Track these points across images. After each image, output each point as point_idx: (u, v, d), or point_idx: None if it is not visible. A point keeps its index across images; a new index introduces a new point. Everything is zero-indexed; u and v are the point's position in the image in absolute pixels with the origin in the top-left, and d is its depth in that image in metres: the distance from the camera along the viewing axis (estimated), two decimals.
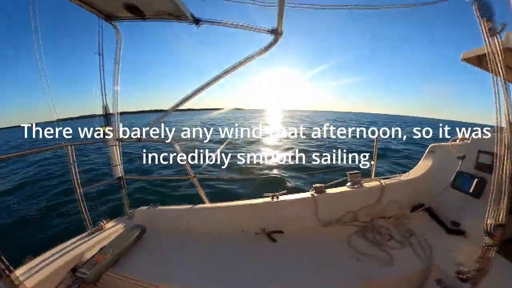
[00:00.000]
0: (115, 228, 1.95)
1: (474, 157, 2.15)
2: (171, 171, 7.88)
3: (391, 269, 1.60)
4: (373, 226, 1.99)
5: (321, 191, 2.13)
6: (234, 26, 1.76)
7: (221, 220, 2.02)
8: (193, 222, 2.03)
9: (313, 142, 15.22)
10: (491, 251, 1.22)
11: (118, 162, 2.22)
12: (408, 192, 2.39)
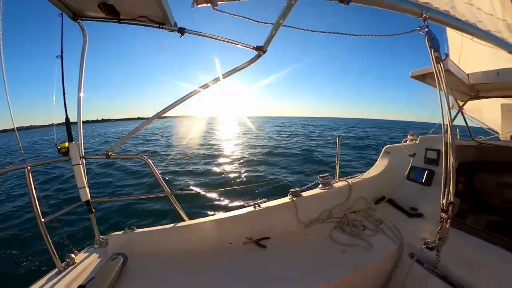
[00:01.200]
0: (89, 260, 1.68)
1: (423, 153, 2.71)
2: (145, 189, 7.31)
3: (373, 254, 1.87)
4: (348, 220, 2.27)
5: (298, 195, 2.30)
6: (220, 39, 1.75)
7: (207, 235, 1.96)
8: (178, 242, 1.90)
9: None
10: (447, 223, 1.59)
11: (84, 184, 1.88)
12: (371, 187, 2.79)
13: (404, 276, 1.89)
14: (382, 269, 1.94)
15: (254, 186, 6.87)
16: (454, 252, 1.85)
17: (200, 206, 5.84)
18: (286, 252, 1.90)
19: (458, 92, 3.00)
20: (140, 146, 20.30)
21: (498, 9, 3.41)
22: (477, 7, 3.04)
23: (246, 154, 13.95)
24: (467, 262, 1.79)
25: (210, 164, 11.20)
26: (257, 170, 10.20)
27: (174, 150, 16.85)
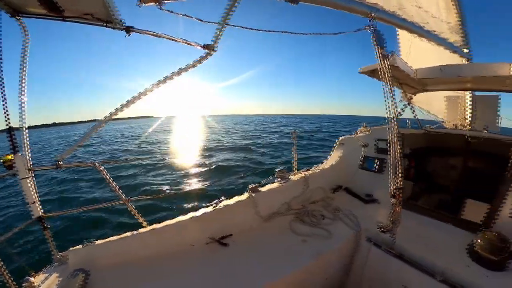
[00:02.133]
0: (49, 281, 1.56)
1: (374, 144, 2.90)
2: (100, 198, 7.00)
3: (332, 241, 1.98)
4: (307, 211, 2.36)
5: (256, 190, 2.33)
6: (168, 38, 1.71)
7: (169, 239, 1.92)
8: (140, 249, 1.84)
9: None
10: (398, 207, 1.73)
11: (34, 198, 1.71)
12: (327, 178, 2.93)
13: (364, 259, 2.04)
14: (342, 254, 2.06)
15: (211, 186, 6.95)
16: (408, 232, 2.03)
17: (159, 211, 5.77)
18: (248, 247, 1.93)
19: (407, 86, 3.26)
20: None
21: (443, 13, 3.74)
22: (424, 10, 3.31)
23: (200, 155, 14.15)
24: (419, 240, 1.97)
25: (164, 168, 11.05)
26: (211, 169, 10.51)
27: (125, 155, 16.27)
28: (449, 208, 2.93)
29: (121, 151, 17.83)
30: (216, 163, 11.35)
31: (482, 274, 1.60)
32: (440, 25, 3.51)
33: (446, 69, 2.58)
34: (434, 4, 3.63)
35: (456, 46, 3.56)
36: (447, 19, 3.77)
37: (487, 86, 3.28)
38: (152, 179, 9.11)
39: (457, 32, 3.76)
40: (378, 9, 2.04)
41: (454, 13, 3.92)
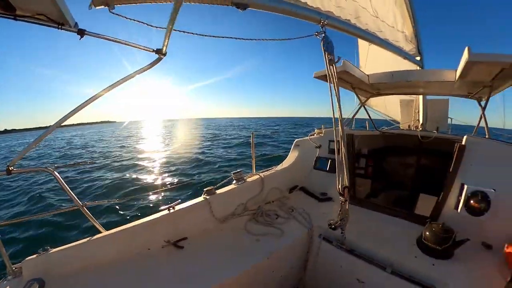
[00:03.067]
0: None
1: (327, 145, 3.06)
2: (55, 204, 6.66)
3: (284, 239, 2.03)
4: (262, 211, 2.41)
5: (212, 192, 2.34)
6: (120, 42, 1.65)
7: (125, 244, 1.88)
8: (96, 255, 1.80)
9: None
10: (346, 205, 1.80)
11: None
12: (284, 178, 3.01)
13: (317, 255, 2.12)
14: (296, 251, 2.12)
15: (166, 189, 6.94)
16: (362, 229, 2.14)
17: (114, 215, 5.71)
18: (203, 249, 1.94)
19: (361, 90, 3.45)
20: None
21: (399, 23, 4.02)
22: (382, 19, 3.54)
23: (156, 159, 14.14)
24: (372, 235, 2.07)
25: (119, 171, 10.85)
26: (166, 172, 10.54)
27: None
28: (405, 203, 3.11)
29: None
30: (169, 168, 11.40)
31: (429, 263, 1.72)
32: (395, 34, 3.77)
33: (397, 74, 2.76)
34: (391, 15, 3.89)
35: (410, 54, 3.83)
36: (403, 29, 4.06)
37: (437, 90, 3.56)
38: (108, 183, 8.90)
39: (411, 41, 4.07)
40: (329, 16, 2.13)
41: (409, 24, 4.24)
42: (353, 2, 2.93)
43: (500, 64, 1.99)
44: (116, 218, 5.66)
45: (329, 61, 1.80)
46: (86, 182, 9.19)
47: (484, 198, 1.92)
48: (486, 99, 2.75)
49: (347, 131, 2.98)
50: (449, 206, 2.15)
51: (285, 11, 1.88)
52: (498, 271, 1.63)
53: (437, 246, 1.76)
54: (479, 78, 2.45)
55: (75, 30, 1.54)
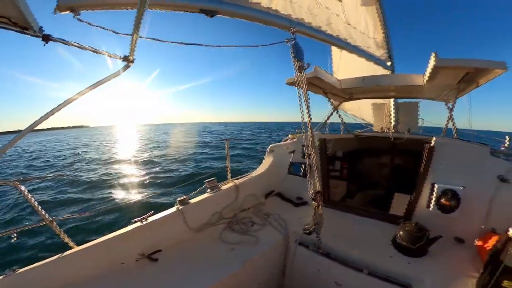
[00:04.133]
0: None
1: (301, 150, 3.08)
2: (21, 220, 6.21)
3: (260, 246, 2.01)
4: (237, 219, 2.38)
5: (186, 202, 2.29)
6: (87, 49, 1.59)
7: (98, 259, 1.80)
8: (68, 273, 1.71)
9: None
10: (319, 210, 1.83)
11: None
12: (260, 184, 3.00)
13: (294, 260, 2.11)
14: (273, 258, 2.10)
15: (138, 201, 6.71)
16: (336, 231, 2.16)
17: (85, 230, 5.46)
18: (178, 261, 1.88)
19: (333, 95, 3.55)
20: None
21: (371, 30, 4.19)
22: (353, 26, 3.67)
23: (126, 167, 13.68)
24: (347, 237, 2.10)
25: (88, 183, 10.32)
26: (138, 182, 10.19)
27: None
28: (382, 202, 3.16)
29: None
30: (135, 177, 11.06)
31: (405, 262, 1.76)
32: (366, 40, 3.92)
33: (368, 79, 2.86)
34: (363, 22, 4.05)
35: (380, 59, 4.01)
36: (374, 35, 4.24)
37: (407, 94, 3.74)
38: (78, 196, 8.44)
39: (382, 47, 4.26)
40: (300, 23, 2.18)
41: (380, 31, 4.44)
42: (326, 9, 3.01)
43: (465, 68, 2.11)
44: (87, 232, 5.38)
45: (298, 68, 1.83)
46: (52, 195, 8.64)
47: (454, 196, 2.00)
48: (453, 101, 2.89)
49: (320, 135, 3.03)
50: (421, 205, 2.22)
51: (255, 18, 1.90)
52: (471, 264, 1.69)
53: (411, 245, 1.81)
54: (446, 82, 2.58)
55: (39, 35, 1.47)
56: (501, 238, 1.45)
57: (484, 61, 2.02)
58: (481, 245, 1.75)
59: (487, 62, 2.02)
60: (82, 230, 5.44)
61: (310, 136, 1.78)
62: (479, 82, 2.49)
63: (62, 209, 7.21)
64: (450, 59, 2.04)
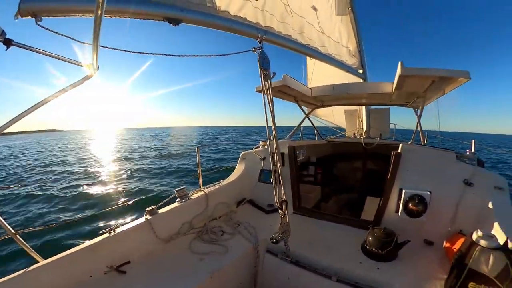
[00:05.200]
0: None
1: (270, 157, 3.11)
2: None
3: (229, 256, 1.99)
4: (207, 229, 2.35)
5: (154, 212, 2.25)
6: (49, 55, 1.52)
7: (66, 272, 1.74)
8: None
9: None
10: (286, 218, 1.84)
11: None
12: (231, 192, 2.98)
13: (264, 268, 2.10)
14: (242, 267, 2.08)
15: (107, 211, 6.43)
16: (306, 239, 2.18)
17: (52, 242, 5.22)
18: (146, 273, 1.83)
19: (305, 102, 3.63)
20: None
21: (344, 39, 4.34)
22: (327, 35, 3.78)
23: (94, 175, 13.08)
24: (316, 244, 2.11)
25: (52, 190, 9.75)
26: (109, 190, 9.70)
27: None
28: (355, 206, 3.23)
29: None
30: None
31: (374, 267, 1.78)
32: (339, 49, 4.04)
33: (337, 87, 2.95)
34: (337, 31, 4.18)
35: (352, 67, 4.15)
36: (347, 44, 4.40)
37: (378, 101, 3.88)
38: (41, 208, 7.91)
39: (355, 56, 4.42)
40: (268, 32, 2.19)
41: (354, 40, 4.61)
42: (300, 18, 3.08)
43: (430, 77, 2.18)
44: (54, 244, 5.13)
45: (264, 77, 1.84)
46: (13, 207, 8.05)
47: (421, 201, 2.07)
48: (421, 108, 3.01)
49: (289, 142, 3.05)
50: (390, 210, 2.28)
51: (222, 26, 1.89)
52: (440, 265, 1.75)
53: (380, 250, 1.84)
54: (413, 90, 2.68)
55: (1, 39, 1.39)
56: (466, 241, 1.50)
57: (448, 71, 2.07)
58: (449, 247, 1.81)
59: (451, 72, 2.07)
60: (48, 243, 5.15)
61: (275, 144, 1.80)
62: (445, 90, 2.58)
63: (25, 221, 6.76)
64: (415, 68, 2.11)
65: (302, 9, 3.13)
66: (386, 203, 2.32)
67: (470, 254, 1.38)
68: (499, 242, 1.38)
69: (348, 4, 4.71)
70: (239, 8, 2.15)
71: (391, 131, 5.76)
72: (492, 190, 2.05)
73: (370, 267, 1.79)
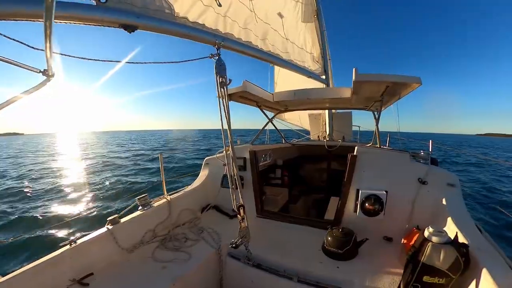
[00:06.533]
0: None
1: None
2: None
3: (192, 262, 1.98)
4: (171, 236, 2.33)
5: (116, 221, 2.19)
6: (2, 60, 1.51)
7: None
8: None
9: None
10: (244, 223, 1.86)
11: None
12: (195, 198, 2.97)
13: (228, 273, 2.11)
14: (206, 273, 2.08)
15: (68, 221, 6.17)
16: (268, 241, 2.22)
17: (10, 257, 4.90)
18: (109, 284, 1.78)
19: (268, 107, 3.74)
20: None
21: (308, 45, 4.54)
22: (292, 41, 3.93)
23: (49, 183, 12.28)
24: (278, 247, 2.15)
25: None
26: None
27: None
28: (322, 206, 3.31)
29: None
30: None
31: (334, 266, 1.84)
32: (303, 55, 4.22)
33: (298, 93, 3.05)
34: (302, 37, 4.35)
35: (315, 73, 4.36)
36: (311, 50, 4.61)
37: (340, 105, 4.06)
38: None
39: (318, 62, 4.65)
40: (226, 38, 2.20)
41: (318, 46, 4.85)
42: (264, 24, 3.16)
43: (384, 83, 2.27)
44: (11, 260, 4.78)
45: (220, 84, 1.85)
46: None
47: (377, 200, 2.17)
48: (378, 111, 3.14)
49: (250, 147, 3.09)
50: (349, 210, 2.37)
51: (178, 33, 1.88)
52: (399, 261, 1.82)
53: (338, 249, 1.91)
54: (370, 94, 2.81)
55: None
56: (419, 237, 1.56)
57: (400, 76, 2.15)
58: (406, 243, 1.88)
59: (404, 77, 2.15)
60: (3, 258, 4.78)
61: (231, 149, 1.83)
62: (401, 94, 2.69)
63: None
64: (368, 74, 2.19)
65: (268, 16, 3.20)
66: (344, 204, 2.40)
67: (423, 250, 1.44)
68: (449, 237, 1.46)
69: (314, 12, 4.95)
70: (199, 14, 2.15)
71: (355, 133, 6.09)
72: (445, 187, 2.17)
73: (330, 267, 1.84)
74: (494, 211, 6.93)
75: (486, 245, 1.50)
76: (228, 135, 1.83)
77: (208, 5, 2.22)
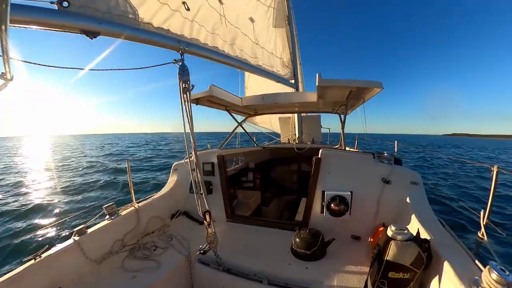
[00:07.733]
0: None
1: (202, 167, 3.06)
2: None
3: (161, 270, 1.95)
4: (140, 245, 2.28)
5: (83, 232, 2.12)
6: None
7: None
8: None
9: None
10: (211, 228, 1.87)
11: None
12: (164, 205, 2.91)
13: (198, 280, 2.11)
14: (177, 280, 2.07)
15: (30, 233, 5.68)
16: (238, 246, 2.23)
17: None
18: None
19: (237, 111, 3.79)
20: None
21: (278, 50, 4.68)
22: (262, 46, 4.03)
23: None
24: (248, 250, 2.17)
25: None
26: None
27: None
28: (294, 207, 3.36)
29: None
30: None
31: (303, 267, 1.87)
32: (273, 60, 4.33)
33: (266, 97, 3.10)
34: (272, 42, 4.47)
35: (285, 78, 4.51)
36: (281, 55, 4.76)
37: (308, 109, 4.19)
38: None
39: (288, 66, 4.82)
40: (190, 44, 2.20)
41: (288, 51, 5.01)
42: (234, 28, 3.19)
43: (347, 88, 2.34)
44: None
45: (183, 89, 1.85)
46: None
47: (342, 201, 2.23)
48: (344, 114, 3.24)
49: (218, 151, 3.10)
50: (316, 211, 2.42)
51: (141, 39, 1.87)
52: (367, 259, 1.88)
53: (306, 250, 1.95)
54: (336, 99, 2.90)
55: None
56: (382, 236, 1.61)
57: (362, 81, 2.20)
58: (373, 241, 1.94)
59: (366, 82, 2.21)
60: None
61: (194, 154, 1.83)
62: (365, 98, 2.76)
63: None
64: (331, 79, 2.25)
65: (239, 20, 3.22)
66: (311, 205, 2.45)
67: (387, 248, 1.50)
68: (411, 233, 1.52)
69: (285, 18, 5.11)
70: (165, 19, 2.13)
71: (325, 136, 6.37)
72: (409, 186, 2.26)
73: (299, 268, 1.88)
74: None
75: (448, 239, 1.59)
76: (191, 140, 1.86)
77: (175, 9, 2.21)
